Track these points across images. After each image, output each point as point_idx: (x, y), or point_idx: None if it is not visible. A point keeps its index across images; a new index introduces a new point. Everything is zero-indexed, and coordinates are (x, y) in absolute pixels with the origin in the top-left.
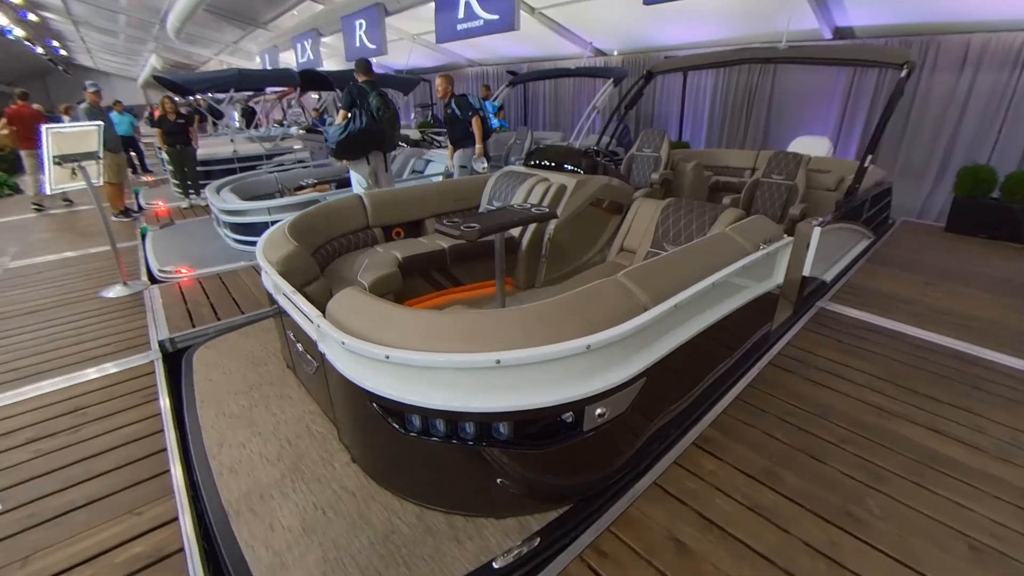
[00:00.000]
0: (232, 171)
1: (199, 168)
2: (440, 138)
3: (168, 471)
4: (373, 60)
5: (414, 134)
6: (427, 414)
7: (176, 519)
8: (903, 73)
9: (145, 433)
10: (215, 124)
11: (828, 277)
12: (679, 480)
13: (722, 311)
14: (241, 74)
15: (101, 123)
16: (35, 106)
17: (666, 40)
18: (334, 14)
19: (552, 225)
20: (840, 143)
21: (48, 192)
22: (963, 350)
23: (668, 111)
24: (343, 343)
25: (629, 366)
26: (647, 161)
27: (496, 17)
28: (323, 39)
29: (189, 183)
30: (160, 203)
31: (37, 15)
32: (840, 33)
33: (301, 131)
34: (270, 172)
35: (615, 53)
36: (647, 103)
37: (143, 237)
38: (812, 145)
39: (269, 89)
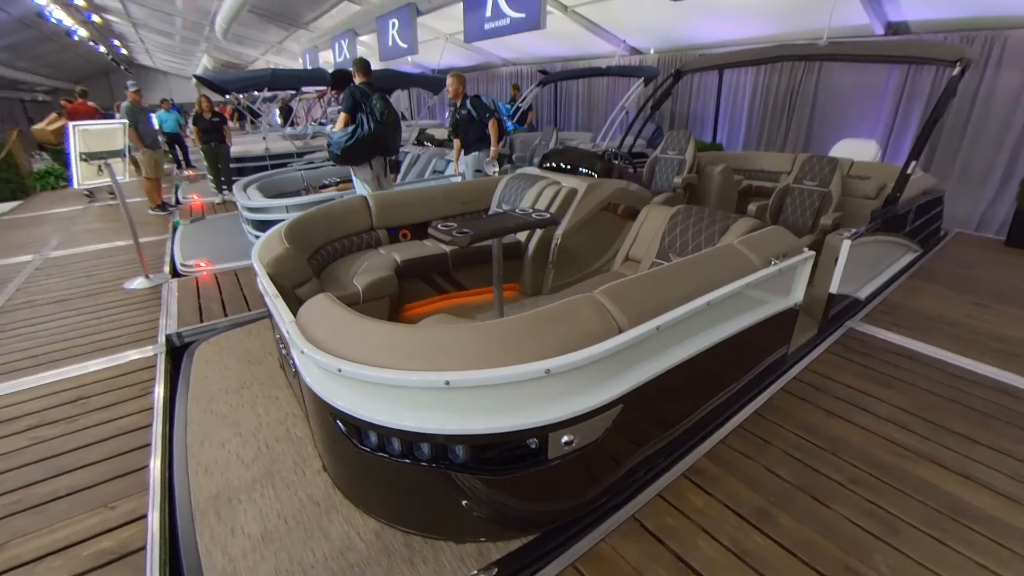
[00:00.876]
0: (264, 168)
1: (232, 165)
2: None
3: (147, 466)
4: (408, 59)
5: (440, 133)
6: (381, 431)
7: (145, 516)
8: (956, 71)
9: (136, 426)
10: (253, 122)
11: (862, 294)
12: (660, 515)
13: (725, 332)
14: (275, 74)
15: (126, 121)
16: (90, 103)
17: (704, 38)
18: (370, 14)
19: (561, 230)
20: (890, 147)
21: (75, 187)
22: (1009, 383)
23: (705, 112)
24: (302, 351)
25: (601, 392)
26: (670, 164)
27: (523, 15)
28: (360, 39)
29: (222, 179)
30: (195, 198)
31: (100, 17)
32: (893, 28)
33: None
34: (297, 170)
35: (651, 52)
36: (683, 103)
37: (174, 231)
38: (858, 149)
39: (311, 88)
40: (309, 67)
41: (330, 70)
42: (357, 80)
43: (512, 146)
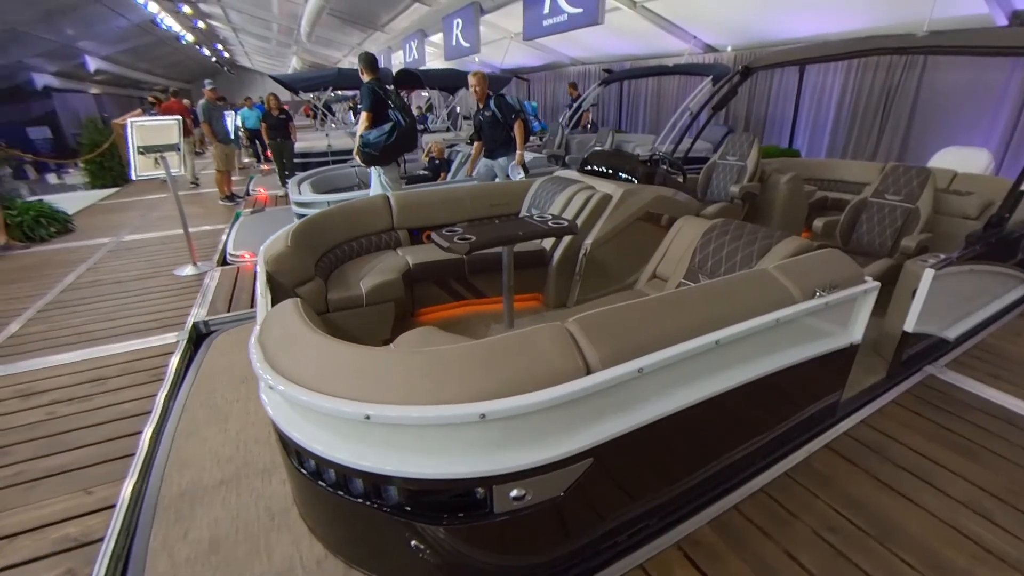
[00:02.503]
0: (325, 163)
1: (296, 160)
2: (531, 137)
3: (133, 454)
4: (475, 59)
5: None
6: (315, 458)
7: (114, 506)
8: None
9: (138, 412)
10: (324, 120)
11: (951, 334)
12: None
13: (750, 373)
14: (340, 73)
15: (179, 118)
16: (185, 101)
17: (790, 33)
18: (437, 15)
19: (590, 239)
20: (1008, 158)
21: (134, 178)
22: None
23: (784, 115)
24: (252, 359)
25: (563, 442)
26: (729, 170)
27: (580, 11)
28: (429, 39)
29: (286, 173)
30: (261, 190)
31: (205, 23)
32: (1021, 18)
33: None
34: (352, 166)
35: (728, 49)
36: (759, 105)
37: (234, 221)
38: (964, 159)
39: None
40: (382, 67)
41: (404, 70)
42: (366, 77)
43: (568, 147)
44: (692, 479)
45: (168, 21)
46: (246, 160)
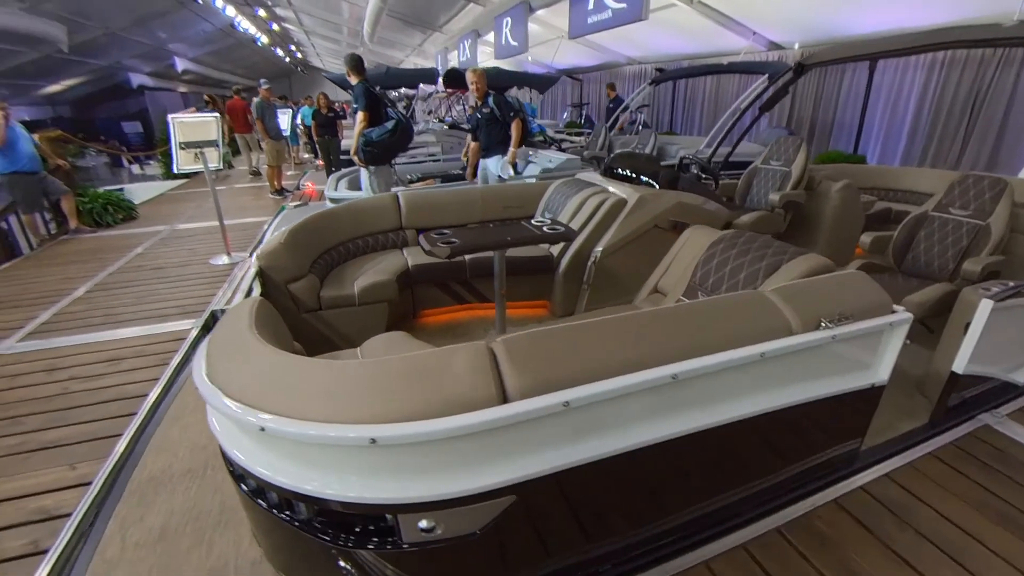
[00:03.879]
0: None
1: (343, 157)
2: (576, 139)
3: (121, 435)
4: (528, 58)
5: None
6: (237, 466)
7: (90, 484)
8: None
9: (138, 394)
10: None
11: (1020, 378)
12: None
13: (728, 414)
14: (388, 73)
15: (218, 114)
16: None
17: (865, 28)
18: (490, 15)
19: (600, 247)
20: None
21: (176, 171)
22: None
23: (855, 117)
24: (196, 355)
25: (476, 476)
26: (771, 176)
27: (624, 6)
28: (484, 38)
29: (333, 169)
30: (310, 185)
31: (280, 26)
32: None
33: (444, 127)
34: (391, 164)
35: (796, 47)
36: (827, 107)
37: (278, 213)
38: None
39: (441, 89)
40: (440, 68)
41: (452, 71)
42: (354, 79)
43: (611, 149)
44: (654, 527)
45: (245, 24)
46: (305, 156)
